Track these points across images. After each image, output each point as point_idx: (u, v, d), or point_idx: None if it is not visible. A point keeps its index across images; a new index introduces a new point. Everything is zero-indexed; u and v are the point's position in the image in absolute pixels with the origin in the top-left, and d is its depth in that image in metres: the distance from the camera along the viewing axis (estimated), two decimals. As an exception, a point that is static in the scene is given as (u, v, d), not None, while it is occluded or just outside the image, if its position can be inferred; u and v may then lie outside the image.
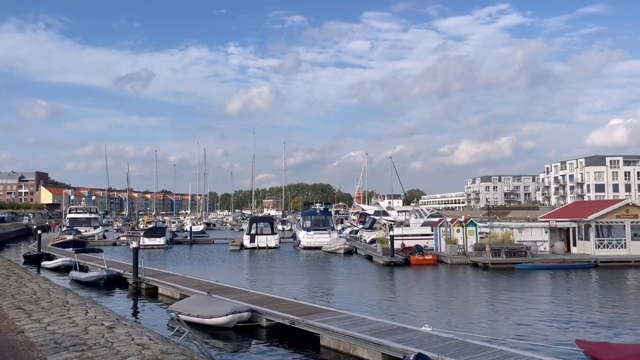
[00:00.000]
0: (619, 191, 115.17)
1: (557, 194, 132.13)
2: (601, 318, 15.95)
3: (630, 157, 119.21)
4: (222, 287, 19.31)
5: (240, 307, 14.69)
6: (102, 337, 6.75)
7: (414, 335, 11.59)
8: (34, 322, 7.69)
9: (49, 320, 7.76)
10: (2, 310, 8.72)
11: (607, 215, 31.46)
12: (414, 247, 32.83)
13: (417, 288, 23.48)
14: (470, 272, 28.07)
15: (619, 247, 31.37)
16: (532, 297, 20.07)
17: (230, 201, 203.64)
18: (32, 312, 8.47)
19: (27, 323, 7.69)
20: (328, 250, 40.27)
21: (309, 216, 46.48)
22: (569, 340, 12.44)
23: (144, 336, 7.06)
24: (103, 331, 7.13)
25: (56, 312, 8.54)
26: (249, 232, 45.77)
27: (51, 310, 8.70)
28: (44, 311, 8.56)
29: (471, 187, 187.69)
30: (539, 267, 28.14)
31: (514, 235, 31.76)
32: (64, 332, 6.99)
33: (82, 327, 7.38)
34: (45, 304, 9.48)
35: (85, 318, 8.15)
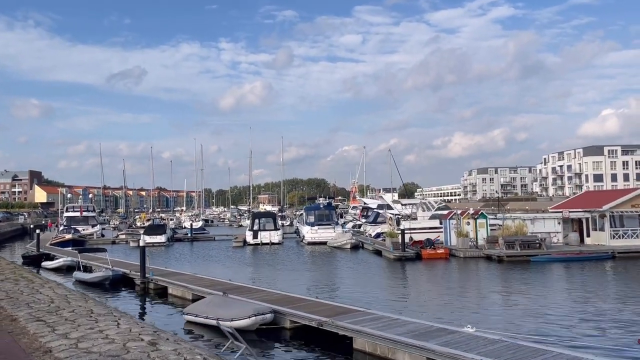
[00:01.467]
0: (617, 181, 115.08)
1: (555, 184, 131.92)
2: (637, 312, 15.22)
3: (628, 146, 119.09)
4: (237, 286, 18.40)
5: (263, 308, 13.80)
6: (148, 357, 5.80)
7: (457, 337, 10.74)
8: (61, 338, 6.66)
9: (78, 335, 6.75)
10: (20, 323, 7.70)
11: (622, 204, 30.79)
12: (424, 241, 32.04)
13: (434, 284, 22.67)
14: (485, 265, 27.31)
15: (634, 237, 30.71)
16: (557, 292, 19.33)
17: (226, 197, 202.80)
18: (56, 324, 7.44)
19: (53, 339, 6.65)
20: (334, 245, 39.42)
21: (313, 211, 45.57)
22: (624, 339, 11.67)
23: (197, 355, 6.12)
24: (146, 349, 6.15)
25: (83, 325, 7.52)
26: (251, 228, 44.88)
27: (77, 322, 7.68)
28: (69, 323, 7.54)
29: (467, 179, 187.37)
30: (556, 259, 27.43)
31: (527, 227, 31.01)
32: (101, 351, 6.00)
33: (119, 343, 6.39)
34: (68, 314, 8.46)
35: (119, 331, 7.15)
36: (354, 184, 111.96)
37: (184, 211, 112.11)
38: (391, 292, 20.79)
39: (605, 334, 12.42)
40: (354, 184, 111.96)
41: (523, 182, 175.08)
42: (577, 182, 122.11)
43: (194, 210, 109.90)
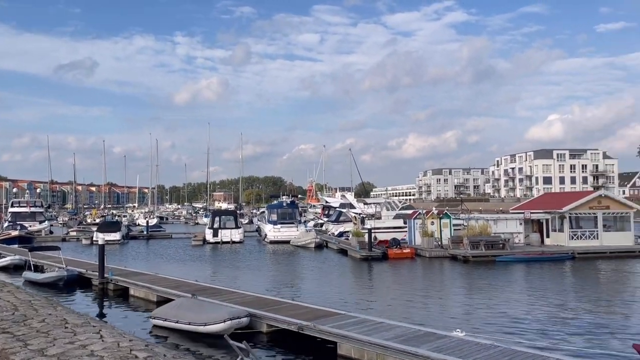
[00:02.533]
0: (565, 183, 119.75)
1: (506, 186, 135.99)
2: (610, 313, 15.38)
3: (575, 150, 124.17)
4: (205, 287, 17.50)
5: (238, 311, 13.03)
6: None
7: (448, 341, 10.36)
8: (38, 355, 5.56)
9: (57, 352, 5.75)
10: (-19, 337, 6.63)
11: (580, 206, 31.61)
12: (390, 241, 31.91)
13: (406, 285, 22.40)
14: (452, 265, 27.37)
15: (591, 238, 31.60)
16: (528, 293, 19.40)
17: (180, 194, 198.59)
18: (27, 338, 6.36)
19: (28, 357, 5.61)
20: (297, 244, 38.79)
21: (276, 209, 44.75)
22: (612, 342, 11.63)
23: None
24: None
25: (60, 338, 6.50)
26: (211, 226, 43.62)
27: (52, 335, 6.66)
28: (42, 336, 6.51)
29: (422, 180, 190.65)
30: (520, 259, 27.81)
31: (491, 228, 31.37)
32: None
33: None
34: (38, 325, 7.40)
35: (106, 346, 6.19)
36: (312, 182, 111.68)
37: (136, 208, 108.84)
38: (364, 293, 20.38)
39: (591, 338, 12.37)
40: (312, 182, 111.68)
41: (476, 183, 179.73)
42: (527, 184, 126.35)
43: (146, 207, 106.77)
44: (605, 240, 31.46)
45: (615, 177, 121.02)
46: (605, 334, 12.67)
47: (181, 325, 13.09)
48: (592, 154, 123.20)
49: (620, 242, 31.38)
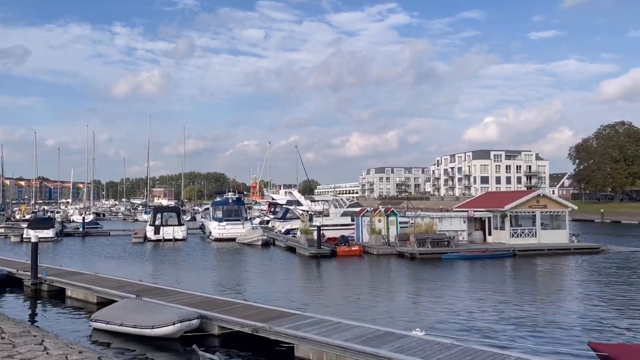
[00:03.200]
0: (501, 183, 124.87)
1: (446, 185, 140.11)
2: (554, 306, 15.86)
3: (511, 152, 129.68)
4: (150, 287, 16.61)
5: (188, 313, 12.36)
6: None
7: (408, 341, 10.20)
8: None
9: None
10: None
11: (520, 205, 32.75)
12: (339, 238, 31.82)
13: (356, 282, 22.26)
14: (399, 262, 27.59)
15: (530, 236, 32.82)
16: (477, 289, 19.74)
17: (118, 190, 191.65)
18: None
19: None
20: (244, 241, 38.02)
21: (221, 206, 43.67)
22: (566, 339, 11.88)
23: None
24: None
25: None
26: (153, 222, 42.02)
27: None
28: None
29: (366, 178, 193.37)
30: (465, 256, 28.43)
31: (436, 225, 31.92)
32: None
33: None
34: None
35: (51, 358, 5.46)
36: (256, 179, 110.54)
37: (70, 204, 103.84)
38: (315, 292, 20.08)
39: (543, 335, 12.62)
40: (256, 179, 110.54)
41: (416, 182, 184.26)
42: (466, 183, 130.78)
43: (81, 203, 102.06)
44: (543, 238, 32.77)
45: (547, 177, 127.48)
46: (555, 330, 12.97)
47: (126, 328, 12.28)
48: (525, 155, 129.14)
49: (556, 240, 32.79)
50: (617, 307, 15.91)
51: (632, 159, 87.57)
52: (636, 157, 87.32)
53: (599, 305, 16.22)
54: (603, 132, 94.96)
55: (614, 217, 71.95)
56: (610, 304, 16.52)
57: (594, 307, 15.92)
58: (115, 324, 12.49)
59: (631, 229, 58.15)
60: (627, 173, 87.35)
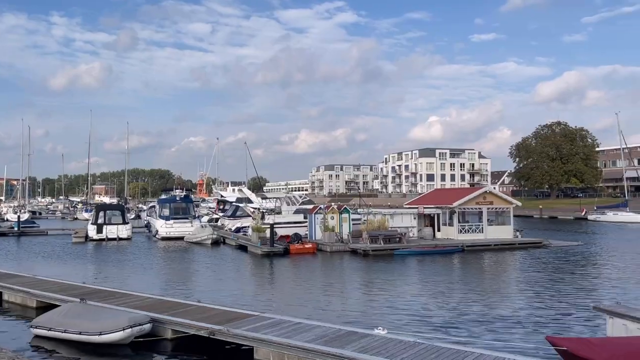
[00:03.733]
0: (446, 180, 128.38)
1: (393, 182, 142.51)
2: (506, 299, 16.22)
3: (455, 150, 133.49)
4: (95, 290, 15.67)
5: (139, 317, 11.67)
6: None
7: (372, 341, 10.02)
8: None
9: None
10: None
11: (468, 202, 33.56)
12: (292, 236, 31.53)
13: (311, 280, 22.03)
14: (353, 259, 27.60)
15: (477, 231, 33.71)
16: (432, 285, 19.90)
17: (55, 187, 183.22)
18: None
19: None
20: (192, 240, 36.97)
21: (168, 203, 42.29)
22: (522, 333, 12.06)
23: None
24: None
25: None
26: (95, 221, 40.12)
27: None
28: None
29: (315, 175, 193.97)
30: (416, 252, 28.82)
31: (388, 222, 32.19)
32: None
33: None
34: None
35: None
36: (203, 176, 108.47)
37: (2, 201, 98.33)
38: (271, 291, 19.65)
39: (501, 329, 12.79)
40: (203, 176, 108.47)
41: (365, 179, 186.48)
42: (412, 181, 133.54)
43: (15, 201, 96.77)
44: (489, 233, 33.76)
45: (489, 175, 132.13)
46: (512, 325, 13.21)
47: (70, 335, 11.47)
48: (469, 153, 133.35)
49: (501, 235, 33.85)
50: (565, 300, 16.44)
51: (567, 157, 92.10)
52: (571, 156, 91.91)
53: (548, 299, 16.70)
54: (541, 131, 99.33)
55: (551, 212, 75.44)
56: (560, 296, 17.07)
57: (545, 301, 16.38)
58: (58, 330, 11.64)
59: (567, 224, 61.09)
60: (563, 171, 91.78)
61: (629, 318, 10.99)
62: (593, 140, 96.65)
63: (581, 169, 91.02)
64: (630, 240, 39.83)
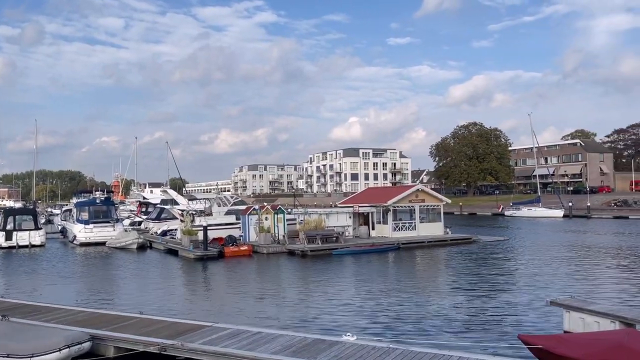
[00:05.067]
0: (369, 179, 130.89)
1: (319, 182, 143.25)
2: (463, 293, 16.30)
3: (377, 150, 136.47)
4: (17, 305, 13.83)
5: (77, 334, 10.29)
6: None
7: (343, 348, 9.43)
8: None
9: None
10: None
11: (402, 200, 34.01)
12: (226, 238, 30.36)
13: (251, 284, 21.08)
14: (291, 261, 26.96)
15: (410, 229, 34.26)
16: (377, 284, 19.68)
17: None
18: None
19: None
20: (116, 245, 34.62)
21: (87, 207, 39.33)
22: (491, 330, 11.99)
23: None
24: None
25: None
26: (3, 227, 36.49)
27: None
28: None
29: (238, 175, 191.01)
30: (354, 251, 28.69)
31: (325, 222, 31.85)
32: None
33: None
34: None
35: None
36: (118, 177, 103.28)
37: None
38: (211, 298, 18.54)
39: (465, 330, 12.68)
40: (118, 177, 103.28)
41: (289, 179, 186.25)
42: (337, 180, 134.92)
43: None
44: (421, 230, 34.44)
45: (409, 174, 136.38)
46: (473, 323, 13.16)
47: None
48: (390, 153, 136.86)
49: (433, 232, 34.67)
50: (513, 295, 16.79)
51: (483, 156, 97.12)
52: (486, 155, 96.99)
53: (496, 295, 16.99)
54: (459, 132, 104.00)
55: (470, 209, 79.00)
56: (507, 292, 17.43)
57: (494, 297, 16.62)
58: (-22, 354, 10.00)
59: (486, 220, 64.22)
60: (479, 169, 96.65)
61: (586, 311, 11.27)
62: (506, 140, 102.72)
63: (496, 168, 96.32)
64: (546, 233, 42.17)
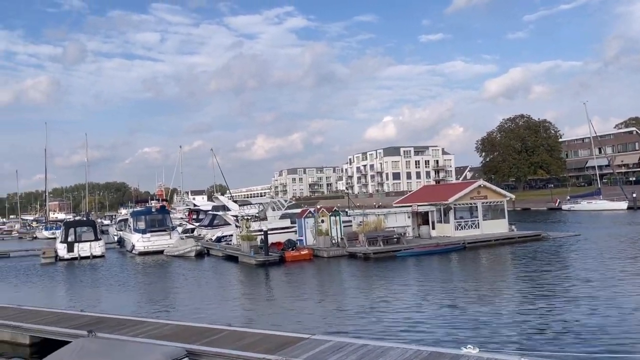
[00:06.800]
0: (412, 178, 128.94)
1: (359, 182, 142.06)
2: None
3: (419, 147, 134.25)
4: (98, 319, 13.49)
5: (174, 350, 9.74)
6: None
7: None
8: None
9: None
10: None
11: (463, 197, 32.68)
12: (285, 242, 29.79)
13: (324, 290, 20.32)
14: (355, 264, 26.08)
15: (473, 227, 32.88)
16: (459, 287, 18.64)
17: (5, 206, 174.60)
18: None
19: None
20: (174, 253, 34.60)
21: (143, 216, 39.64)
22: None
23: None
24: None
25: None
26: (65, 239, 37.08)
27: None
28: None
29: (278, 180, 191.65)
30: (419, 252, 27.60)
31: (385, 223, 30.87)
32: None
33: None
34: None
35: None
36: (161, 186, 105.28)
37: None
38: (287, 305, 17.57)
39: (558, 337, 11.57)
40: (161, 186, 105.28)
41: (328, 181, 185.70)
42: (378, 180, 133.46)
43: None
44: (485, 228, 33.00)
45: (453, 171, 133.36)
46: (599, 330, 12.01)
47: (92, 381, 9.43)
48: (433, 150, 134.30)
49: (497, 230, 33.17)
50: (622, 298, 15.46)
51: (533, 149, 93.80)
52: (536, 147, 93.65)
53: (596, 299, 15.68)
54: (504, 125, 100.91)
55: (522, 204, 76.20)
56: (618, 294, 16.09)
57: (606, 300, 15.34)
58: (73, 375, 9.57)
59: (542, 215, 61.72)
60: (529, 163, 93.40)
61: None
62: (556, 131, 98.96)
63: (547, 160, 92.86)
64: (616, 226, 39.87)
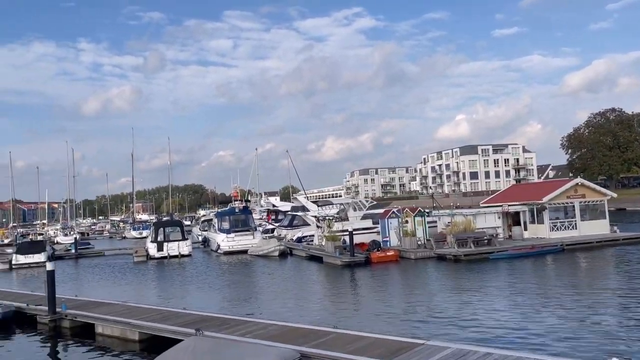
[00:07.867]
0: (490, 177, 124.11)
1: (434, 182, 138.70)
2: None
3: (498, 145, 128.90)
4: (203, 317, 13.62)
5: (289, 353, 9.50)
6: None
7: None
8: None
9: None
10: None
11: (558, 196, 30.68)
12: (370, 243, 29.30)
13: (417, 292, 19.57)
14: (445, 266, 25.06)
15: (570, 228, 30.76)
16: (565, 292, 17.29)
17: (94, 207, 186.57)
18: None
19: None
20: (258, 253, 35.08)
21: (227, 216, 40.61)
22: None
23: None
24: None
25: None
26: (154, 239, 38.72)
27: None
28: None
29: (350, 180, 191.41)
30: (514, 255, 26.09)
31: (474, 223, 29.53)
32: None
33: None
34: None
35: None
36: (236, 188, 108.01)
37: (46, 224, 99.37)
38: (383, 307, 16.98)
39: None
40: (236, 188, 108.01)
41: (401, 181, 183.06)
42: (455, 180, 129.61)
43: (58, 224, 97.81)
44: (583, 229, 30.77)
45: (534, 169, 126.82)
46: None
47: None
48: (512, 148, 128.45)
49: (597, 231, 30.79)
50: None
51: (626, 145, 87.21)
52: (629, 143, 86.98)
53: None
54: (593, 120, 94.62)
55: (617, 204, 70.64)
56: None
57: None
58: (193, 374, 9.55)
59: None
60: (622, 160, 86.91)
61: None
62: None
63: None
64: None
